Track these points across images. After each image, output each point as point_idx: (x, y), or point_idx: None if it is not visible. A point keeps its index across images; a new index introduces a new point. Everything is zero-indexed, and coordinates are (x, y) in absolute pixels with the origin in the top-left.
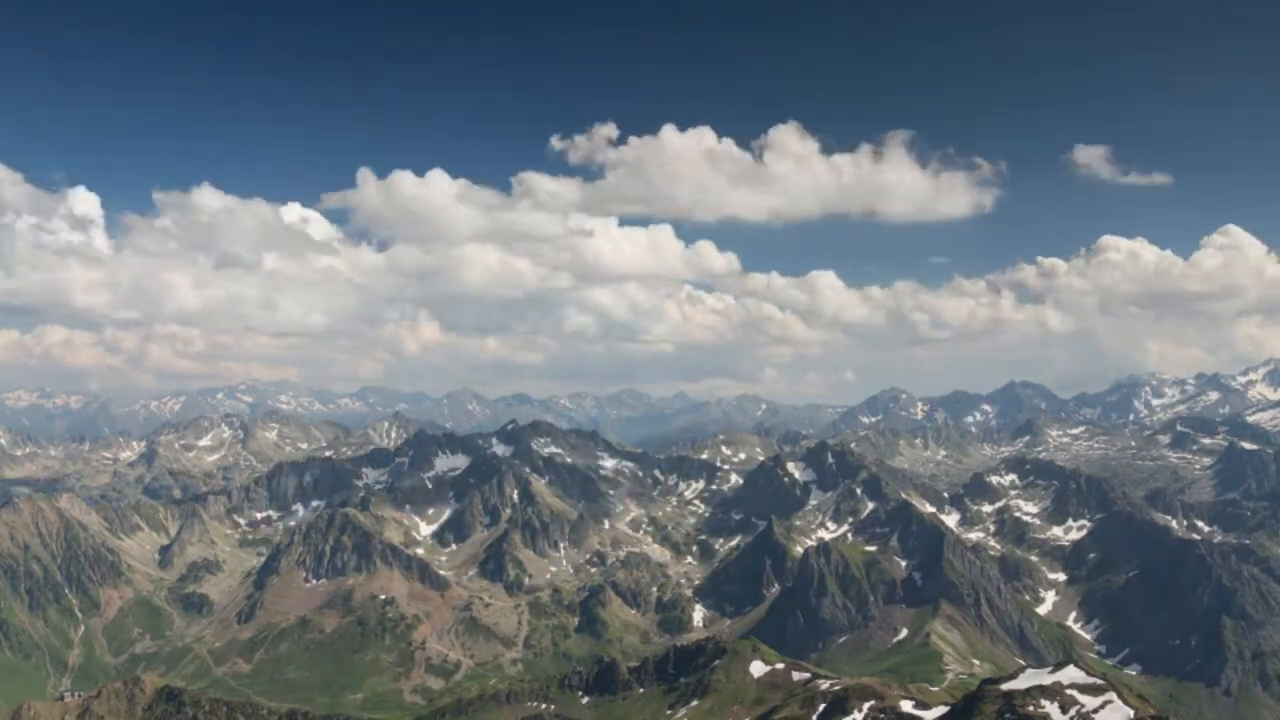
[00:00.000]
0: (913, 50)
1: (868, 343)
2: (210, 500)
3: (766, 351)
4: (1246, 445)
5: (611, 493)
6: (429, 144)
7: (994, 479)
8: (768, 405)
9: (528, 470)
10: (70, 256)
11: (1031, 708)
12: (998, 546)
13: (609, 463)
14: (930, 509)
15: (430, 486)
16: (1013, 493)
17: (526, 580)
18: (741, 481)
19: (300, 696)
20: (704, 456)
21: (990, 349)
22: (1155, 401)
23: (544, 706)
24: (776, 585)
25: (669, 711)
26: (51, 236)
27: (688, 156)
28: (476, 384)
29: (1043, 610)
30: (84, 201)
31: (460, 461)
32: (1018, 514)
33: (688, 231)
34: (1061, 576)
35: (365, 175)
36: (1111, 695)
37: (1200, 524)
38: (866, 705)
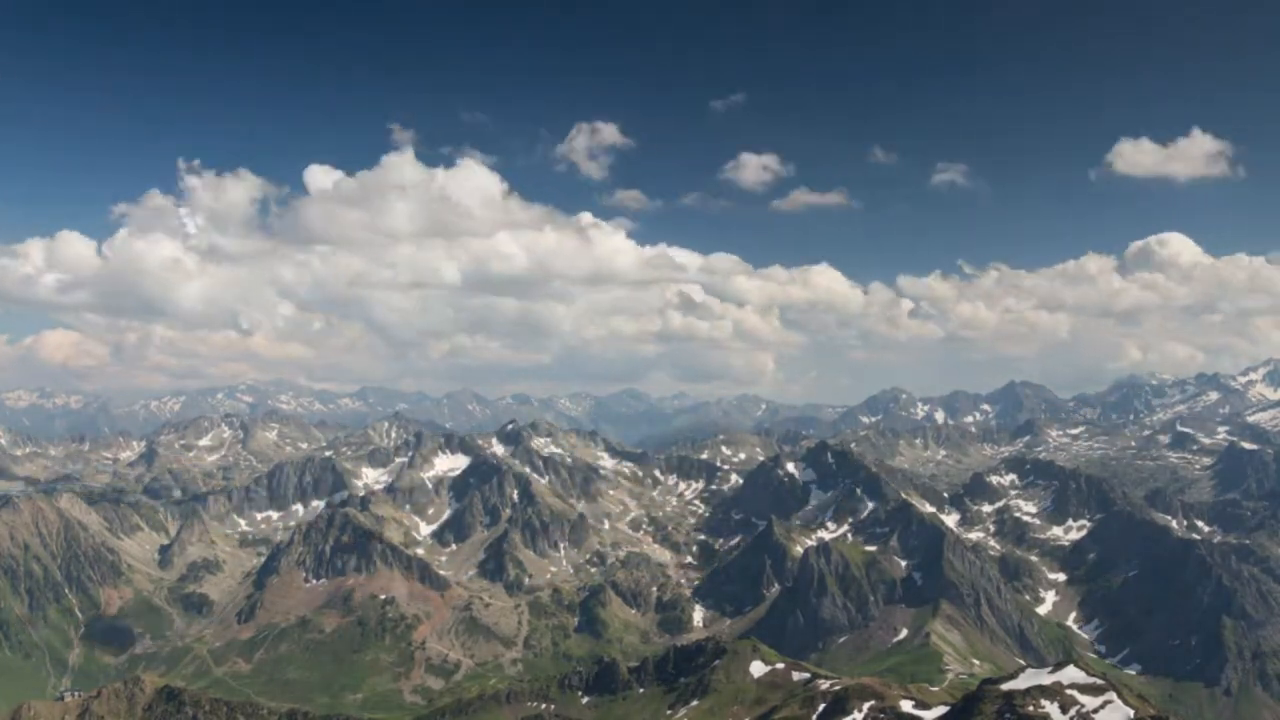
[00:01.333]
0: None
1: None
2: (210, 500)
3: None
4: (1246, 445)
5: (611, 493)
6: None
7: (994, 479)
8: (768, 405)
9: (528, 470)
10: None
11: (1031, 708)
12: (998, 546)
13: (609, 463)
14: (930, 509)
15: (430, 486)
16: (1013, 493)
17: (526, 580)
18: (741, 481)
19: (300, 696)
20: (704, 456)
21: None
22: (1155, 401)
23: (544, 706)
24: (776, 585)
25: (669, 711)
26: None
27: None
28: (477, 384)
29: (1043, 610)
30: None
31: (460, 461)
32: (1018, 514)
33: None
34: (1061, 576)
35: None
36: (1111, 695)
37: (1200, 524)
38: (866, 705)
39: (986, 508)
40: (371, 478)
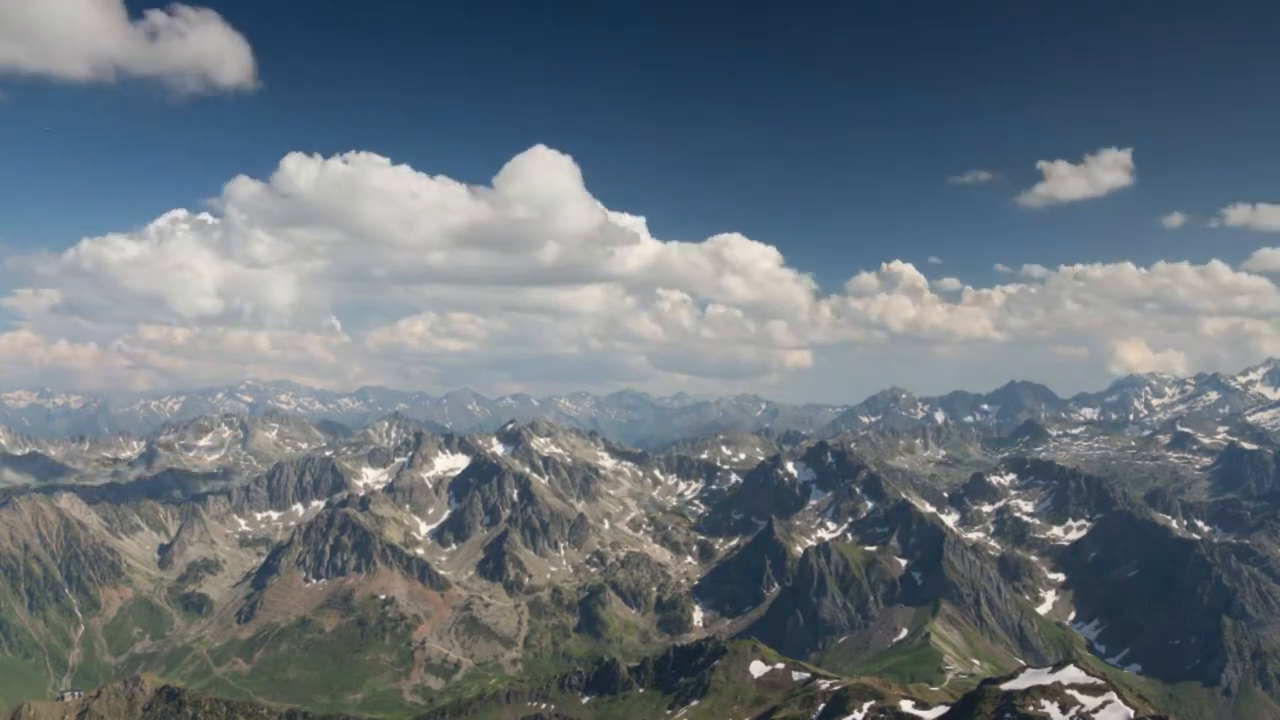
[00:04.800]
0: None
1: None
2: (210, 500)
3: None
4: (1246, 445)
5: (611, 493)
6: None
7: (994, 479)
8: (767, 405)
9: (528, 470)
10: None
11: (1031, 708)
12: (997, 546)
13: (609, 463)
14: (930, 509)
15: (430, 486)
16: (1012, 493)
17: (526, 580)
18: (741, 481)
19: (300, 696)
20: (704, 456)
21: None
22: (1155, 401)
23: (544, 706)
24: (776, 585)
25: (669, 711)
26: None
27: None
28: (477, 384)
29: (1043, 610)
30: None
31: (460, 461)
32: (1017, 514)
33: None
34: (1061, 576)
35: None
36: (1111, 695)
37: (1200, 524)
38: (866, 705)
39: (986, 508)
40: (371, 478)
